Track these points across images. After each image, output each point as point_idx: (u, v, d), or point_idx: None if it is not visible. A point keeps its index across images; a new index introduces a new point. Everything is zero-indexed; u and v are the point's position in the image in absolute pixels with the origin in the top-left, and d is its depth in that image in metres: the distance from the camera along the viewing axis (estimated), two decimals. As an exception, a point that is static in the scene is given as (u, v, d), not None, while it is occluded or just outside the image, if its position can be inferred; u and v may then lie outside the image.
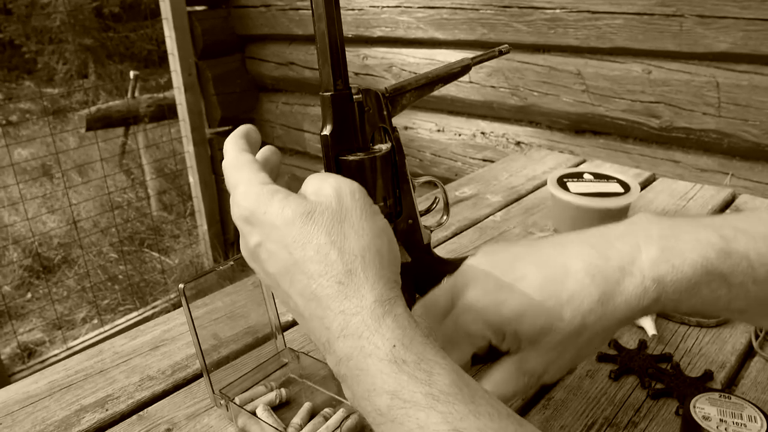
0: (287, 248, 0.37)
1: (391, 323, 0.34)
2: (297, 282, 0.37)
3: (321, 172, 0.44)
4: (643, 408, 0.58)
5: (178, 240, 3.25)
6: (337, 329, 0.35)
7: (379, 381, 0.33)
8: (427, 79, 0.54)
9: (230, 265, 0.59)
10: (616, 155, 1.58)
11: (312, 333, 0.38)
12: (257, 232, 0.39)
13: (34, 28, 6.28)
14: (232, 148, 0.43)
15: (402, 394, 0.32)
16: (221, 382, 0.59)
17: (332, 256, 0.36)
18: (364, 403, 0.34)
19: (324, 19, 0.45)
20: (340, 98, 0.47)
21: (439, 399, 0.32)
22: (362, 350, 0.34)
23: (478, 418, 0.31)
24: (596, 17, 1.51)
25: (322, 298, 0.36)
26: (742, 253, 0.40)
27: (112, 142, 4.05)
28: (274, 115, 2.53)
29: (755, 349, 0.66)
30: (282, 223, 0.37)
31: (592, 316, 0.40)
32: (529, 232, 0.96)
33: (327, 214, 0.37)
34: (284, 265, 0.37)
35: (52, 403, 0.61)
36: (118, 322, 2.39)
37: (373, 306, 0.35)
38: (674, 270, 0.39)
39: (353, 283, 0.35)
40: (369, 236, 0.37)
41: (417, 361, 0.33)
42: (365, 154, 0.48)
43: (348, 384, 0.36)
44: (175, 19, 2.26)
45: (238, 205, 0.40)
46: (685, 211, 1.01)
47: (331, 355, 0.36)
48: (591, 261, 0.41)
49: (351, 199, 0.38)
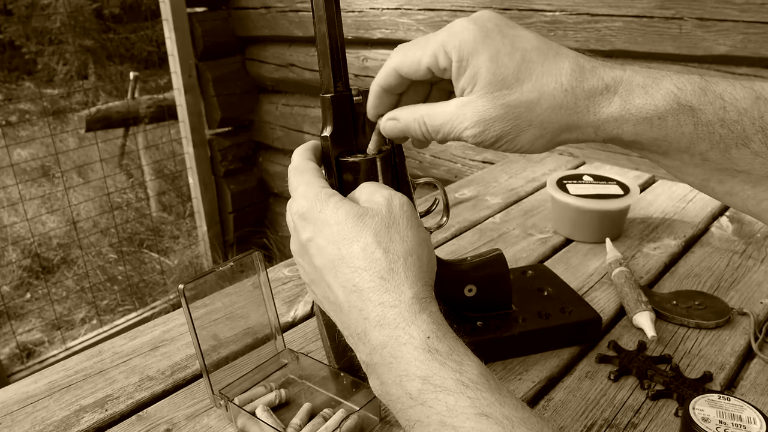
0: (336, 244, 0.40)
1: (426, 318, 0.37)
2: (341, 275, 0.40)
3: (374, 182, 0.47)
4: (642, 409, 0.58)
5: (178, 241, 3.25)
6: (375, 319, 0.38)
7: (413, 367, 0.36)
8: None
9: (230, 266, 0.59)
10: (616, 157, 1.59)
11: (347, 324, 0.41)
12: (310, 228, 0.42)
13: (34, 28, 6.28)
14: (299, 156, 0.48)
15: (433, 379, 0.35)
16: (221, 383, 0.59)
17: (377, 254, 0.39)
18: (395, 389, 0.36)
19: (324, 20, 0.46)
20: (340, 100, 0.48)
21: (468, 386, 0.34)
22: (397, 339, 0.37)
23: (503, 406, 0.34)
24: (596, 20, 1.51)
25: (363, 290, 0.39)
26: (717, 93, 0.39)
27: (112, 143, 4.05)
28: (274, 116, 2.53)
29: (754, 351, 0.66)
30: (334, 222, 0.41)
31: (551, 101, 0.40)
32: (528, 233, 0.96)
33: (377, 219, 0.41)
34: (331, 258, 0.41)
35: (52, 403, 0.61)
36: (117, 322, 2.39)
37: (410, 301, 0.38)
38: (646, 94, 0.39)
39: (394, 280, 0.39)
40: (412, 243, 0.41)
41: (449, 352, 0.36)
42: (365, 156, 0.48)
43: (378, 372, 0.38)
44: (176, 21, 2.27)
45: (297, 202, 0.44)
46: (684, 214, 1.01)
47: (365, 344, 0.39)
48: (580, 62, 0.41)
49: (400, 209, 0.42)
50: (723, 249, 0.89)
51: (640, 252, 0.89)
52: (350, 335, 0.41)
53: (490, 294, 0.66)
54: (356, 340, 0.40)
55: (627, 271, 0.77)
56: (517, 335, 0.65)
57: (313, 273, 0.43)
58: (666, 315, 0.72)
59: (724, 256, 0.87)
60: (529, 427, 0.33)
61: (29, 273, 3.03)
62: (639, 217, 1.00)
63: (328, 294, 0.42)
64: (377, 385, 0.39)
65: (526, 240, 0.94)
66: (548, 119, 0.40)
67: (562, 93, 0.40)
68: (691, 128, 0.39)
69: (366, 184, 0.46)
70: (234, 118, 2.54)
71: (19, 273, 3.01)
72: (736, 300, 0.76)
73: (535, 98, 0.40)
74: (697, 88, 0.39)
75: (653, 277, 0.83)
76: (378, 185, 0.45)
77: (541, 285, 0.74)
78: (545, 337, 0.67)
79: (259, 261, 0.62)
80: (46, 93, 6.08)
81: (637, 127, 0.40)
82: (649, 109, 0.39)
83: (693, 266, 0.85)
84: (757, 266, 0.84)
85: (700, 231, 0.96)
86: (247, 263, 0.61)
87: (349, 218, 0.41)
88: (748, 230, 0.95)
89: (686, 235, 0.94)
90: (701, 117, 0.39)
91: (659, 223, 0.98)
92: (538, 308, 0.69)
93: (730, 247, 0.90)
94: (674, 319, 0.71)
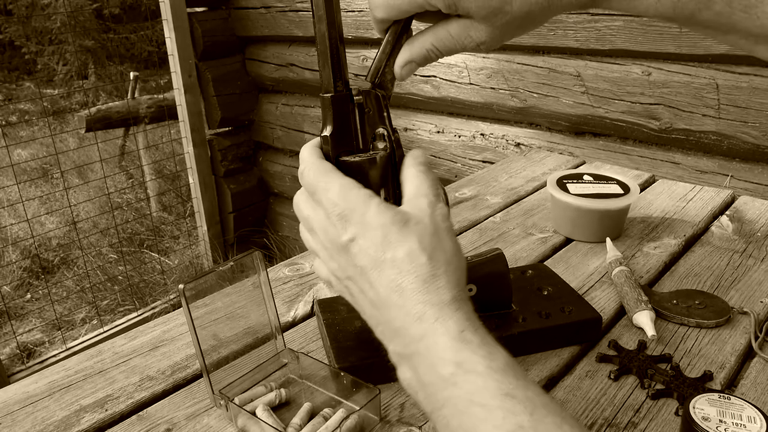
0: (381, 246, 0.43)
1: (462, 316, 0.41)
2: (385, 276, 0.42)
3: (415, 182, 0.47)
4: (642, 408, 0.58)
5: (178, 241, 3.25)
6: (416, 315, 0.41)
7: (448, 354, 0.39)
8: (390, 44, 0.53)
9: (230, 266, 0.59)
10: (616, 157, 1.59)
11: (385, 319, 0.43)
12: (352, 229, 0.44)
13: (34, 29, 6.28)
14: (313, 155, 0.48)
15: (465, 365, 0.38)
16: (221, 383, 0.59)
17: (422, 259, 0.42)
18: (428, 375, 0.40)
19: (324, 20, 0.46)
20: (340, 99, 0.48)
21: (497, 371, 0.38)
22: (435, 331, 0.40)
23: (526, 390, 0.37)
24: (596, 19, 1.51)
25: (406, 290, 0.42)
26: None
27: (112, 143, 4.05)
28: (273, 116, 2.53)
29: (755, 350, 0.66)
30: (379, 225, 0.43)
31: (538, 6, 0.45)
32: (528, 233, 0.96)
33: (421, 227, 0.43)
34: (375, 260, 0.43)
35: (52, 403, 0.61)
36: (117, 322, 2.38)
37: (449, 302, 0.41)
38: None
39: (435, 284, 0.42)
40: (451, 252, 0.44)
41: (481, 343, 0.40)
42: (366, 156, 0.48)
43: (413, 362, 0.41)
44: (176, 21, 2.26)
45: (334, 204, 0.45)
46: (684, 213, 1.01)
47: (402, 337, 0.42)
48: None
49: (442, 219, 0.45)
50: (723, 248, 0.89)
51: (640, 251, 0.89)
52: (386, 329, 0.44)
53: (491, 293, 0.66)
54: (392, 333, 0.43)
55: (627, 271, 0.77)
56: (517, 335, 0.65)
57: (352, 271, 0.45)
58: (666, 314, 0.72)
59: (725, 255, 0.87)
60: (549, 410, 0.36)
61: (29, 273, 3.03)
62: (639, 217, 1.00)
63: (367, 291, 0.44)
64: (409, 374, 0.42)
65: (526, 239, 0.94)
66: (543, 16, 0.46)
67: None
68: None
69: (408, 183, 0.47)
70: (234, 118, 2.54)
71: (20, 273, 3.01)
72: (736, 299, 0.76)
73: (527, 9, 0.45)
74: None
75: (653, 277, 0.83)
76: (420, 187, 0.46)
77: (541, 284, 0.74)
78: (545, 337, 0.66)
79: (260, 261, 0.62)
80: (46, 93, 6.08)
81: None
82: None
83: (693, 265, 0.85)
84: (757, 265, 0.84)
85: (701, 230, 0.96)
86: (247, 263, 0.61)
87: (395, 224, 0.43)
88: (748, 229, 0.95)
89: (686, 234, 0.94)
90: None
91: (659, 223, 0.98)
92: (538, 308, 0.69)
93: (731, 246, 0.90)
94: (674, 318, 0.71)
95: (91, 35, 6.26)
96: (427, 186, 0.47)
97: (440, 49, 0.48)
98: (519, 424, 0.35)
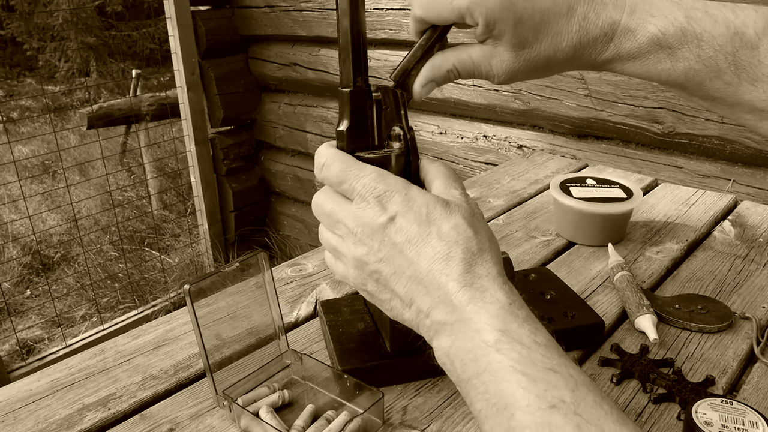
0: (426, 221, 0.43)
1: (509, 289, 0.42)
2: (431, 247, 0.43)
3: (442, 177, 0.49)
4: (644, 413, 0.59)
5: (179, 239, 3.25)
6: (464, 282, 0.41)
7: (495, 321, 0.40)
8: (422, 48, 0.52)
9: (235, 267, 0.59)
10: (619, 160, 1.59)
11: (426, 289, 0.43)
12: (393, 207, 0.44)
13: (36, 25, 6.28)
14: (333, 150, 0.48)
15: (510, 333, 0.39)
16: (224, 383, 0.59)
17: (469, 233, 0.43)
18: (470, 341, 0.40)
19: (347, 15, 0.46)
20: (359, 95, 0.47)
21: (540, 344, 0.39)
22: (483, 299, 0.41)
23: (569, 367, 0.38)
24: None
25: (454, 258, 0.42)
26: (697, 34, 0.48)
27: (114, 140, 4.05)
28: (276, 115, 2.53)
29: (757, 355, 0.66)
30: (423, 203, 0.44)
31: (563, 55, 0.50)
32: (531, 236, 0.96)
33: (462, 208, 0.45)
34: (418, 234, 0.43)
35: (55, 401, 0.61)
36: (117, 320, 2.38)
37: (496, 275, 0.43)
38: (634, 39, 0.49)
39: (483, 257, 0.43)
40: (490, 234, 0.46)
41: (526, 317, 0.41)
42: (381, 153, 0.48)
43: (455, 329, 0.41)
44: (179, 18, 2.27)
45: (372, 187, 0.45)
46: (686, 218, 1.01)
47: (446, 304, 0.42)
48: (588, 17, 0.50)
49: (476, 206, 0.47)
50: (725, 253, 0.89)
51: (642, 256, 0.89)
52: (426, 301, 0.43)
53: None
54: (436, 302, 0.42)
55: (629, 275, 0.78)
56: (519, 338, 0.65)
57: (386, 251, 0.44)
58: (668, 319, 0.72)
59: (727, 260, 0.87)
60: (589, 389, 0.37)
61: (30, 270, 3.03)
62: (642, 221, 1.00)
63: (404, 269, 0.44)
64: (447, 342, 0.42)
65: (528, 242, 0.94)
66: (561, 67, 0.51)
67: (572, 49, 0.50)
68: (669, 65, 0.50)
69: (436, 177, 0.48)
70: (236, 117, 2.54)
71: (20, 270, 3.01)
72: (738, 304, 0.76)
73: (552, 54, 0.50)
74: (678, 31, 0.48)
75: (656, 281, 0.83)
76: (449, 180, 0.48)
77: (544, 288, 0.74)
78: (548, 340, 0.66)
79: (264, 261, 0.62)
80: (48, 90, 6.08)
81: (624, 64, 0.51)
82: (634, 51, 0.50)
83: (695, 270, 0.85)
84: (759, 270, 0.84)
85: (703, 235, 0.96)
86: (250, 263, 0.61)
87: (438, 202, 0.44)
88: (750, 234, 0.95)
89: (689, 238, 0.94)
90: (678, 55, 0.49)
91: (662, 227, 0.98)
92: (541, 312, 0.69)
93: (733, 251, 0.90)
94: (676, 322, 0.71)
95: (93, 32, 6.26)
96: (455, 179, 0.48)
97: (460, 71, 0.51)
98: (561, 398, 0.36)
